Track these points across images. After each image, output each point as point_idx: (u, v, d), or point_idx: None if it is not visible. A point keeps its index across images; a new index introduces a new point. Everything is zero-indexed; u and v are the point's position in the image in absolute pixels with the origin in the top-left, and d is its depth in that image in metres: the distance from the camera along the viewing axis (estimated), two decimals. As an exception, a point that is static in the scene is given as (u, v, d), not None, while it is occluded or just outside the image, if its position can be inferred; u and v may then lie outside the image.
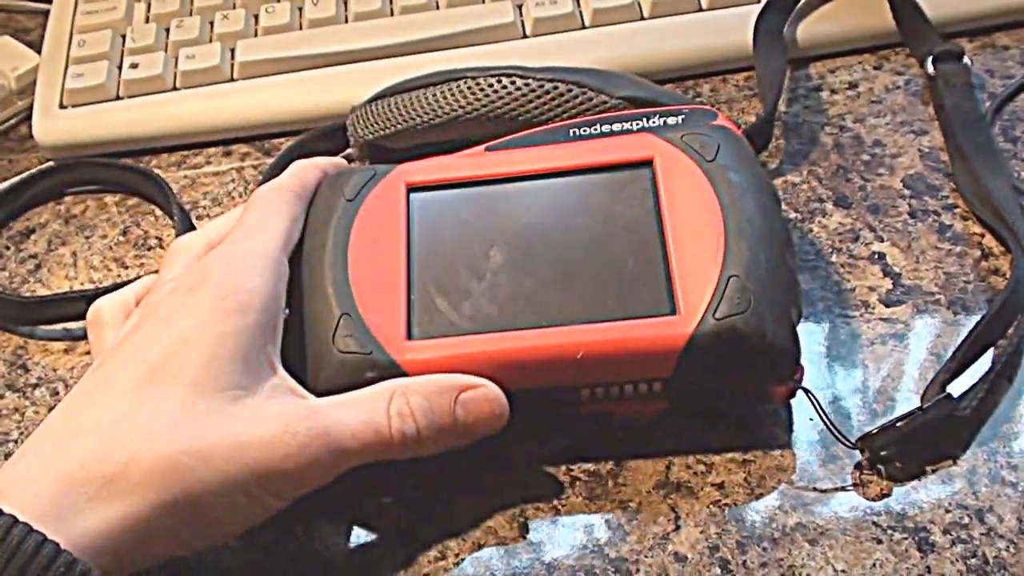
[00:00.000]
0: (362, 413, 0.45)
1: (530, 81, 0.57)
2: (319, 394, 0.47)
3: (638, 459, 0.50)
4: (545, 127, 0.55)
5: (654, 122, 0.54)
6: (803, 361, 0.48)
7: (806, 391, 0.48)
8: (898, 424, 0.48)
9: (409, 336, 0.48)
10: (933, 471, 0.48)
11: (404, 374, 0.47)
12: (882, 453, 0.48)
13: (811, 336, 0.53)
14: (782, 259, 0.48)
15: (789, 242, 0.50)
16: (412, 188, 0.53)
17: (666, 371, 0.47)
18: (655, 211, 0.50)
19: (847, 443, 0.48)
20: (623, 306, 0.48)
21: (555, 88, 0.57)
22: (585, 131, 0.54)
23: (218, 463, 0.42)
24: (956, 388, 0.49)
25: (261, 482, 0.43)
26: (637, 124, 0.54)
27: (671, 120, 0.54)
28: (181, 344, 0.45)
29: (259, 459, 0.43)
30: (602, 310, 0.48)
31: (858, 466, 0.49)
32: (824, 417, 0.48)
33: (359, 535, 0.50)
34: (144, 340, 0.46)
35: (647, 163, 0.52)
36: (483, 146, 0.55)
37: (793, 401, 0.51)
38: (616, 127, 0.54)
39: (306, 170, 0.54)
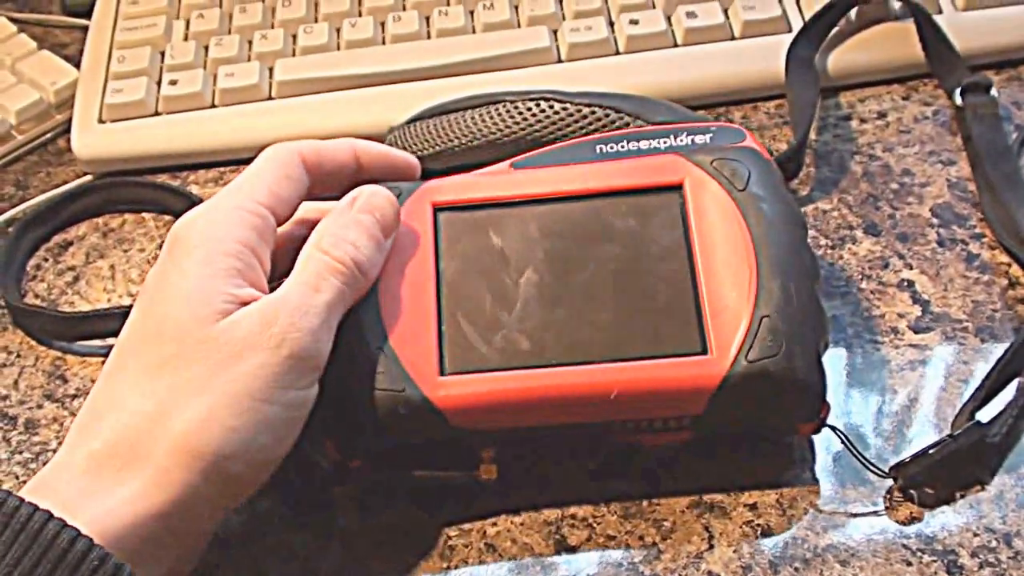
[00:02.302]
0: (305, 275, 0.48)
1: (568, 105, 0.58)
2: (355, 428, 0.49)
3: (672, 480, 0.51)
4: (571, 142, 0.55)
5: (682, 140, 0.54)
6: (832, 388, 0.49)
7: (833, 428, 0.49)
8: (930, 452, 0.48)
9: (441, 372, 0.48)
10: (962, 496, 0.49)
11: (437, 410, 0.47)
12: (914, 480, 0.49)
13: (841, 362, 0.54)
14: (811, 294, 0.49)
15: (817, 274, 0.50)
16: (438, 208, 0.53)
17: (697, 409, 0.48)
18: (685, 241, 0.50)
19: (880, 473, 0.49)
20: (655, 344, 0.48)
21: (592, 112, 0.58)
22: (612, 148, 0.54)
23: (230, 420, 0.44)
24: (985, 415, 0.50)
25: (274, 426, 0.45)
26: (665, 142, 0.54)
27: (699, 139, 0.54)
28: (164, 317, 0.46)
29: (262, 401, 0.45)
30: (634, 347, 0.48)
31: (889, 492, 0.50)
32: (853, 450, 0.49)
33: (398, 551, 0.50)
34: (141, 317, 0.47)
35: (677, 187, 0.52)
36: (508, 162, 0.55)
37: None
38: (644, 145, 0.54)
39: (308, 147, 0.54)
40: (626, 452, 0.52)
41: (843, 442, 0.49)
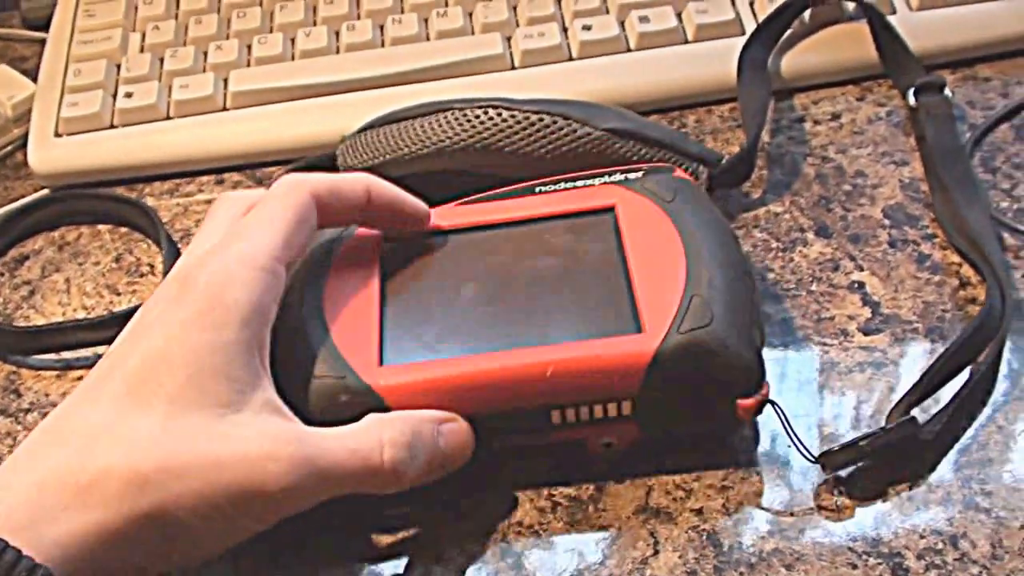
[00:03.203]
0: (352, 442, 0.46)
1: (516, 113, 0.58)
2: (299, 418, 0.47)
3: (617, 484, 0.51)
4: (512, 187, 0.57)
5: (615, 178, 0.56)
6: (779, 390, 0.50)
7: (773, 404, 0.49)
8: (860, 443, 0.48)
9: (381, 361, 0.50)
10: (909, 497, 0.49)
11: (378, 397, 0.48)
12: (845, 471, 0.49)
13: (790, 364, 0.54)
14: (741, 283, 0.50)
15: (749, 273, 0.52)
16: (386, 235, 0.55)
17: (633, 387, 0.48)
18: (618, 247, 0.53)
19: (809, 457, 0.49)
20: (590, 327, 0.50)
21: (540, 120, 0.58)
22: (550, 187, 0.56)
23: (193, 481, 0.42)
24: (926, 413, 0.50)
25: (238, 504, 0.43)
26: (599, 180, 0.56)
27: (632, 176, 0.56)
28: (161, 358, 0.45)
29: (237, 481, 0.43)
30: (570, 331, 0.50)
31: (824, 484, 0.50)
32: (789, 430, 0.49)
33: (340, 564, 0.50)
34: (127, 352, 0.46)
35: (610, 209, 0.54)
36: (454, 204, 0.56)
37: (767, 428, 0.52)
38: (580, 184, 0.56)
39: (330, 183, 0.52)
40: (572, 456, 0.52)
41: (779, 417, 0.49)
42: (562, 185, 0.56)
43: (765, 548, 0.48)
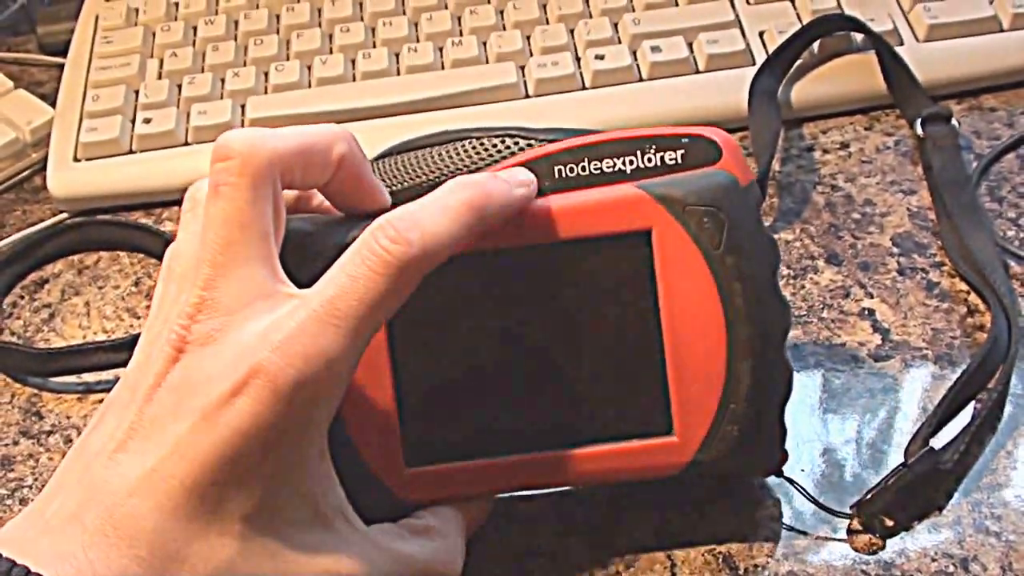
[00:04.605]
0: (440, 551, 0.46)
1: (532, 142, 0.59)
2: None
3: (635, 508, 0.52)
4: (528, 156, 0.51)
5: (650, 160, 0.48)
6: (794, 418, 0.50)
7: (790, 480, 0.50)
8: (888, 484, 0.49)
9: (406, 463, 0.48)
10: (919, 523, 0.50)
11: (401, 502, 0.47)
12: (875, 515, 0.50)
13: (802, 391, 0.55)
14: (781, 355, 0.47)
15: (788, 324, 0.48)
16: None
17: (660, 480, 0.49)
18: (652, 305, 0.47)
19: (840, 514, 0.50)
20: (619, 424, 0.48)
21: (557, 148, 0.59)
22: (572, 171, 0.49)
23: None
24: (939, 441, 0.51)
25: None
26: (631, 163, 0.48)
27: (668, 156, 0.48)
28: (232, 471, 0.39)
29: None
30: (599, 430, 0.48)
31: (849, 526, 0.50)
32: (811, 498, 0.50)
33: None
34: (185, 443, 0.39)
35: (644, 233, 0.47)
36: None
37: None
38: (606, 166, 0.49)
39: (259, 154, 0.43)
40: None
41: (800, 492, 0.50)
42: (585, 165, 0.48)
43: (780, 571, 0.49)
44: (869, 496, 0.49)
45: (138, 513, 0.38)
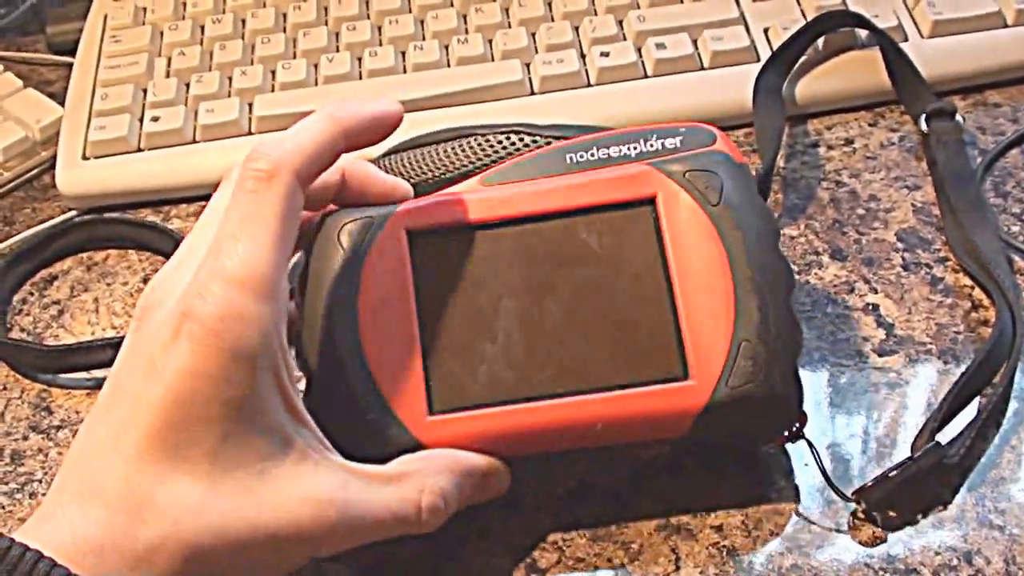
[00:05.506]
0: (396, 503, 0.46)
1: (537, 138, 0.59)
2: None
3: (640, 501, 0.52)
4: (541, 150, 0.55)
5: (652, 145, 0.53)
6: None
7: (808, 442, 0.50)
8: (891, 475, 0.49)
9: (430, 411, 0.49)
10: (923, 516, 0.50)
11: (425, 447, 0.49)
12: (876, 503, 0.50)
13: (808, 385, 0.55)
14: (787, 307, 0.49)
15: (792, 282, 0.50)
16: (412, 234, 0.51)
17: (680, 432, 0.49)
18: (661, 260, 0.50)
19: (844, 497, 0.50)
20: (637, 371, 0.49)
21: (562, 144, 0.59)
22: (582, 157, 0.53)
23: (243, 548, 0.42)
24: (945, 436, 0.51)
25: (282, 559, 0.44)
26: (635, 148, 0.53)
27: (669, 142, 0.53)
28: (186, 412, 0.42)
29: (285, 545, 0.43)
30: (617, 376, 0.49)
31: (852, 514, 0.51)
32: (822, 470, 0.50)
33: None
34: (140, 395, 0.43)
35: (649, 200, 0.51)
36: (478, 178, 0.54)
37: (791, 447, 0.53)
38: (613, 151, 0.53)
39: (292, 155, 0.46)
40: (596, 474, 0.53)
41: (814, 457, 0.50)
42: (594, 151, 0.53)
43: (784, 564, 0.49)
44: (871, 484, 0.50)
45: (107, 467, 0.42)
